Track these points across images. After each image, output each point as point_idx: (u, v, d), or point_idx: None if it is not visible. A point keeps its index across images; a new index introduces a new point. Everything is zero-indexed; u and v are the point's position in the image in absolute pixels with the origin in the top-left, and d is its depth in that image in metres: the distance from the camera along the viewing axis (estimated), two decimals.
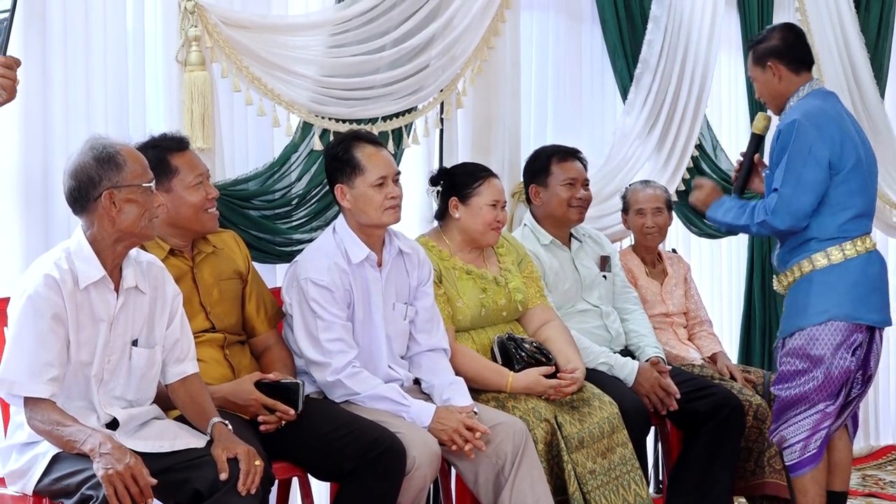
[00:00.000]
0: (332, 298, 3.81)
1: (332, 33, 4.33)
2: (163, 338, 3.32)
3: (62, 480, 3.06)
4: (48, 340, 3.08)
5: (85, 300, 3.15)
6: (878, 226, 6.33)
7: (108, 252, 3.19)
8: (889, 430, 6.57)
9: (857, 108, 6.11)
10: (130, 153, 3.19)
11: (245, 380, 3.60)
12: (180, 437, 3.24)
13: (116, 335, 3.21)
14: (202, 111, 3.96)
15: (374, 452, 3.54)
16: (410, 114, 4.59)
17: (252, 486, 3.10)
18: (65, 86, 3.80)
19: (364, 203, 3.88)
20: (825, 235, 4.28)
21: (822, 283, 4.28)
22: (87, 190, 3.14)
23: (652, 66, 5.36)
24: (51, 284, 3.09)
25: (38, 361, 3.06)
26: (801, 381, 4.29)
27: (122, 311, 3.22)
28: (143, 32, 4.02)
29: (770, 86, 4.43)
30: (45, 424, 3.07)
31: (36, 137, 3.76)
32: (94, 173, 3.13)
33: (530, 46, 5.27)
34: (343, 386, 3.80)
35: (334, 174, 3.92)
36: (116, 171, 3.14)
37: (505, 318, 4.30)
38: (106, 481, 2.91)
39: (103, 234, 3.17)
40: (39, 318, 3.08)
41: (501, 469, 3.82)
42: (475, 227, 4.24)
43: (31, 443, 3.17)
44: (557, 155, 4.66)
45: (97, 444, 2.99)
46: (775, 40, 4.43)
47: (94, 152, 3.15)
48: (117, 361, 3.22)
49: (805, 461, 4.30)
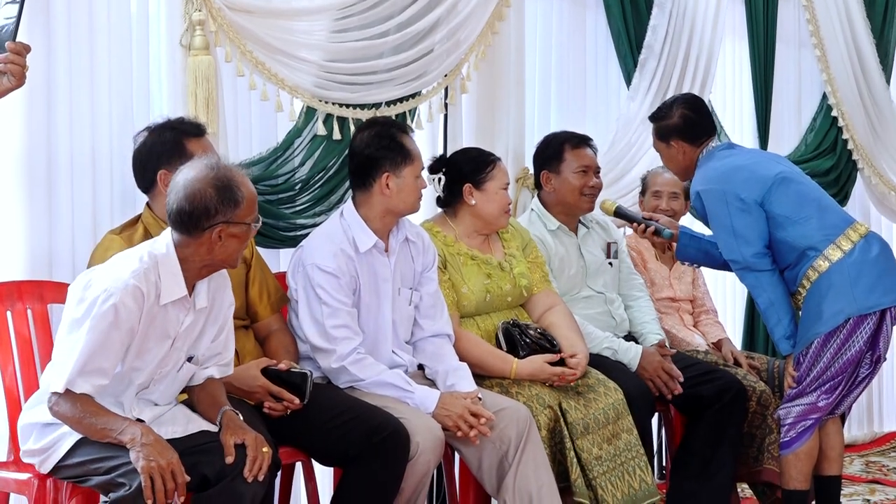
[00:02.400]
0: (337, 285, 3.82)
1: (335, 18, 4.33)
2: (206, 348, 3.30)
3: (89, 464, 3.07)
4: (113, 349, 3.06)
5: (160, 315, 3.13)
6: (884, 212, 6.36)
7: (192, 273, 3.17)
8: (893, 416, 6.59)
9: (863, 93, 6.12)
10: (249, 190, 3.14)
11: (251, 365, 3.61)
12: (192, 420, 3.26)
13: (175, 350, 3.21)
14: (206, 95, 3.97)
15: (378, 438, 3.56)
16: (414, 99, 4.60)
17: (259, 473, 3.11)
18: (69, 70, 3.80)
19: (408, 192, 3.89)
20: (815, 240, 4.27)
21: (831, 285, 4.24)
22: (200, 219, 3.09)
23: (656, 51, 5.37)
24: (138, 298, 3.05)
25: (93, 365, 3.03)
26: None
27: (187, 329, 3.22)
28: (147, 16, 4.03)
29: (676, 161, 4.50)
30: (72, 412, 3.04)
31: (40, 123, 3.76)
32: (212, 205, 3.07)
33: (535, 32, 5.28)
34: (347, 372, 3.81)
35: (380, 161, 3.88)
36: (233, 207, 3.09)
37: (510, 303, 4.31)
38: (146, 473, 2.92)
39: (196, 258, 3.14)
40: (116, 329, 3.04)
41: (505, 454, 3.83)
42: (491, 211, 4.25)
43: (55, 423, 3.16)
44: (571, 142, 4.65)
45: (138, 434, 3.00)
46: (676, 119, 4.47)
47: (216, 183, 3.08)
48: (167, 373, 3.23)
49: (786, 443, 4.36)
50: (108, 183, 3.91)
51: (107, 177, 3.91)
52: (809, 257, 4.26)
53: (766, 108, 5.81)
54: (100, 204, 3.90)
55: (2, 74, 2.71)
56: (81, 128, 3.85)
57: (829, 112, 6.06)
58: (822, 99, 6.09)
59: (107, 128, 3.90)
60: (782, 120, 6.01)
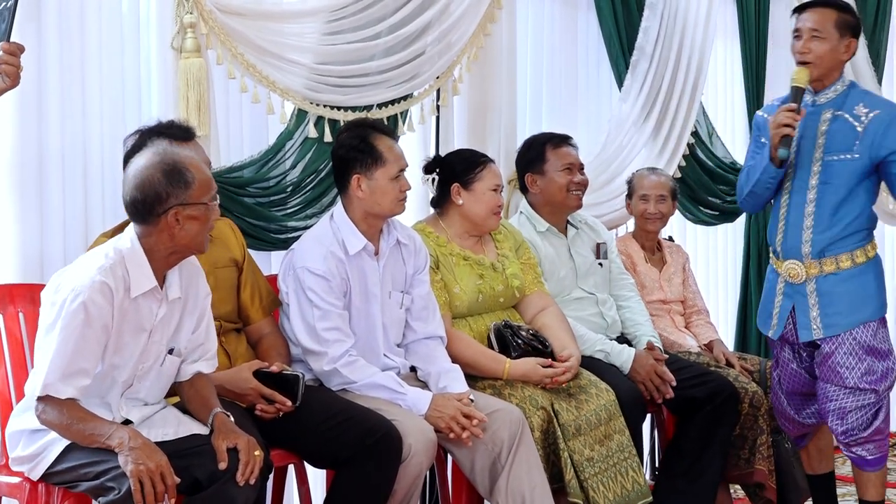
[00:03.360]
0: (328, 287, 3.82)
1: (327, 20, 4.33)
2: (187, 340, 3.31)
3: (79, 469, 3.07)
4: (90, 348, 3.06)
5: (132, 309, 3.13)
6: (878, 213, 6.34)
7: (160, 262, 3.17)
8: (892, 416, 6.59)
9: None
10: (199, 170, 3.15)
11: (243, 368, 3.61)
12: (183, 423, 3.26)
13: (153, 342, 3.22)
14: (198, 98, 3.97)
15: (371, 440, 3.56)
16: (406, 101, 4.60)
17: (251, 476, 3.12)
18: (60, 72, 3.80)
19: (381, 195, 3.88)
20: (873, 225, 4.28)
21: (880, 273, 4.25)
22: (153, 205, 3.10)
23: (648, 53, 5.37)
24: (106, 294, 3.06)
25: (73, 367, 3.04)
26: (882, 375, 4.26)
27: (163, 321, 3.22)
28: (138, 19, 4.04)
29: (835, 56, 4.19)
30: (59, 419, 3.05)
31: (31, 124, 3.76)
32: (162, 190, 3.08)
33: (526, 33, 5.28)
34: (339, 375, 3.81)
35: (351, 163, 3.89)
36: (185, 188, 3.10)
37: (502, 304, 4.32)
38: (135, 476, 2.92)
39: (160, 246, 3.15)
40: (88, 327, 3.05)
41: (498, 456, 3.83)
42: (478, 212, 4.25)
43: (42, 430, 3.15)
44: (552, 142, 4.66)
45: (126, 438, 3.00)
46: (857, 21, 4.28)
47: (163, 167, 3.10)
48: (149, 368, 3.23)
49: (886, 456, 4.34)
50: (99, 185, 3.92)
51: (98, 179, 3.92)
52: (865, 237, 4.23)
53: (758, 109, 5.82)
54: (91, 207, 3.90)
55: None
56: (73, 130, 3.85)
57: None
58: None
59: (98, 130, 3.91)
60: None
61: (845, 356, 4.20)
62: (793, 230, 4.24)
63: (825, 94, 4.24)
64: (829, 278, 4.20)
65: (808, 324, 4.22)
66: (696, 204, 5.72)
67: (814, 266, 4.21)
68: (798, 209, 4.22)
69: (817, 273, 4.21)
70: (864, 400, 4.22)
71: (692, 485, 4.47)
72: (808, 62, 4.17)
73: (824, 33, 4.17)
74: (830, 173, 4.17)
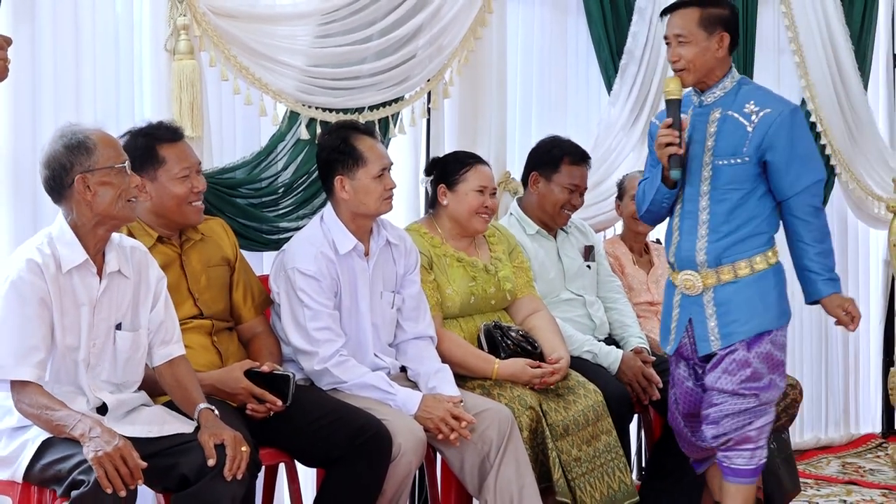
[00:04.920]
0: (319, 287, 3.83)
1: (319, 23, 4.34)
2: (147, 321, 3.34)
3: (53, 466, 3.07)
4: (33, 325, 3.10)
5: (68, 284, 3.17)
6: (861, 217, 6.39)
7: (89, 237, 3.21)
8: (868, 419, 6.63)
9: (841, 99, 6.15)
10: (101, 137, 3.21)
11: (234, 367, 3.62)
12: (168, 422, 3.26)
13: (100, 319, 3.23)
14: (191, 99, 3.97)
15: (361, 439, 3.57)
16: (397, 103, 4.61)
17: (238, 471, 3.12)
18: (54, 73, 3.81)
19: (364, 194, 3.89)
20: (773, 231, 3.98)
21: (780, 281, 3.98)
22: (61, 177, 3.16)
23: (637, 57, 5.39)
24: (34, 269, 3.11)
25: (23, 346, 3.08)
26: (768, 384, 3.96)
27: (106, 295, 3.24)
28: (132, 20, 4.04)
29: (707, 55, 3.91)
30: (32, 408, 3.08)
31: (26, 124, 3.77)
32: (65, 160, 3.15)
33: (516, 37, 5.29)
34: (330, 374, 3.82)
35: (333, 165, 3.92)
36: (87, 155, 3.15)
37: (493, 306, 4.33)
38: (96, 463, 2.92)
39: (83, 219, 3.19)
40: (24, 303, 3.10)
41: (487, 455, 3.85)
42: (462, 212, 4.26)
43: (21, 427, 3.18)
44: (571, 156, 4.64)
45: (87, 428, 3.01)
46: (729, 12, 3.97)
47: (63, 140, 3.17)
48: (102, 345, 3.25)
49: (760, 468, 4.04)
50: None
51: None
52: (766, 242, 3.95)
53: None
54: None
55: None
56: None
57: (807, 117, 6.10)
58: (800, 104, 6.12)
59: None
60: None
61: (732, 363, 3.92)
62: (686, 239, 3.98)
63: (712, 93, 3.97)
64: (727, 287, 3.93)
65: (706, 336, 3.96)
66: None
67: (710, 276, 3.94)
68: (691, 217, 3.97)
69: (714, 283, 3.94)
70: (743, 405, 3.93)
71: (678, 485, 4.49)
72: (683, 69, 3.93)
73: (689, 36, 3.90)
74: (721, 178, 3.92)
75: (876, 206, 6.33)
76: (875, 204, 6.33)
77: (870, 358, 6.66)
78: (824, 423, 6.36)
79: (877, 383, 6.61)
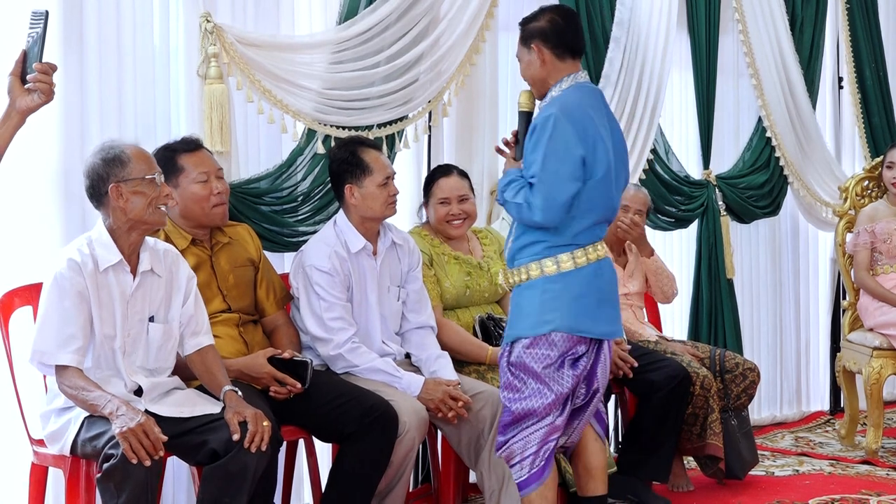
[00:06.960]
0: (333, 282, 3.83)
1: (333, 51, 4.33)
2: (178, 315, 3.34)
3: (90, 442, 3.08)
4: (72, 315, 3.12)
5: (104, 281, 3.19)
6: (811, 220, 6.36)
7: (124, 239, 3.23)
8: (818, 397, 6.60)
9: (793, 116, 6.13)
10: (135, 151, 3.23)
11: (259, 354, 3.61)
12: (198, 403, 3.27)
13: (134, 312, 3.24)
14: (220, 119, 3.97)
15: (371, 418, 3.57)
16: (402, 122, 4.60)
17: (262, 444, 3.12)
18: (99, 95, 3.80)
19: (371, 200, 3.89)
20: (558, 242, 3.51)
21: (549, 290, 3.50)
22: (98, 186, 3.20)
23: (612, 81, 5.37)
24: (73, 267, 3.14)
25: (63, 334, 3.11)
26: (528, 395, 3.54)
27: (139, 291, 3.25)
28: (168, 49, 4.03)
29: (532, 68, 3.63)
30: (71, 389, 3.10)
31: (74, 142, 3.75)
32: (102, 171, 3.19)
33: (507, 64, 5.27)
34: (344, 359, 3.81)
35: (343, 175, 3.92)
36: (121, 167, 3.18)
37: (486, 299, 4.33)
38: (122, 438, 2.94)
39: (118, 223, 3.21)
40: (64, 296, 3.12)
41: (481, 433, 3.84)
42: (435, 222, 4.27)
43: (67, 408, 3.19)
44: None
45: (115, 407, 3.02)
46: (544, 22, 3.63)
47: (102, 153, 3.21)
48: (136, 335, 3.25)
49: (532, 477, 3.54)
50: None
51: None
52: (540, 252, 3.52)
53: (709, 130, 5.82)
54: None
55: (32, 92, 2.69)
56: None
57: (763, 133, 6.07)
58: (757, 122, 6.09)
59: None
60: (723, 140, 6.02)
61: (503, 369, 3.62)
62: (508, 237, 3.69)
63: (544, 102, 3.64)
64: (516, 289, 3.60)
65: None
66: (654, 212, 5.72)
67: (511, 275, 3.61)
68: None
69: (514, 282, 3.61)
70: (503, 416, 3.61)
71: (651, 457, 4.48)
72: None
73: (519, 54, 3.69)
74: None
75: (824, 210, 6.31)
76: (823, 209, 6.30)
77: (819, 344, 6.64)
78: (779, 401, 6.33)
79: (825, 367, 6.58)
